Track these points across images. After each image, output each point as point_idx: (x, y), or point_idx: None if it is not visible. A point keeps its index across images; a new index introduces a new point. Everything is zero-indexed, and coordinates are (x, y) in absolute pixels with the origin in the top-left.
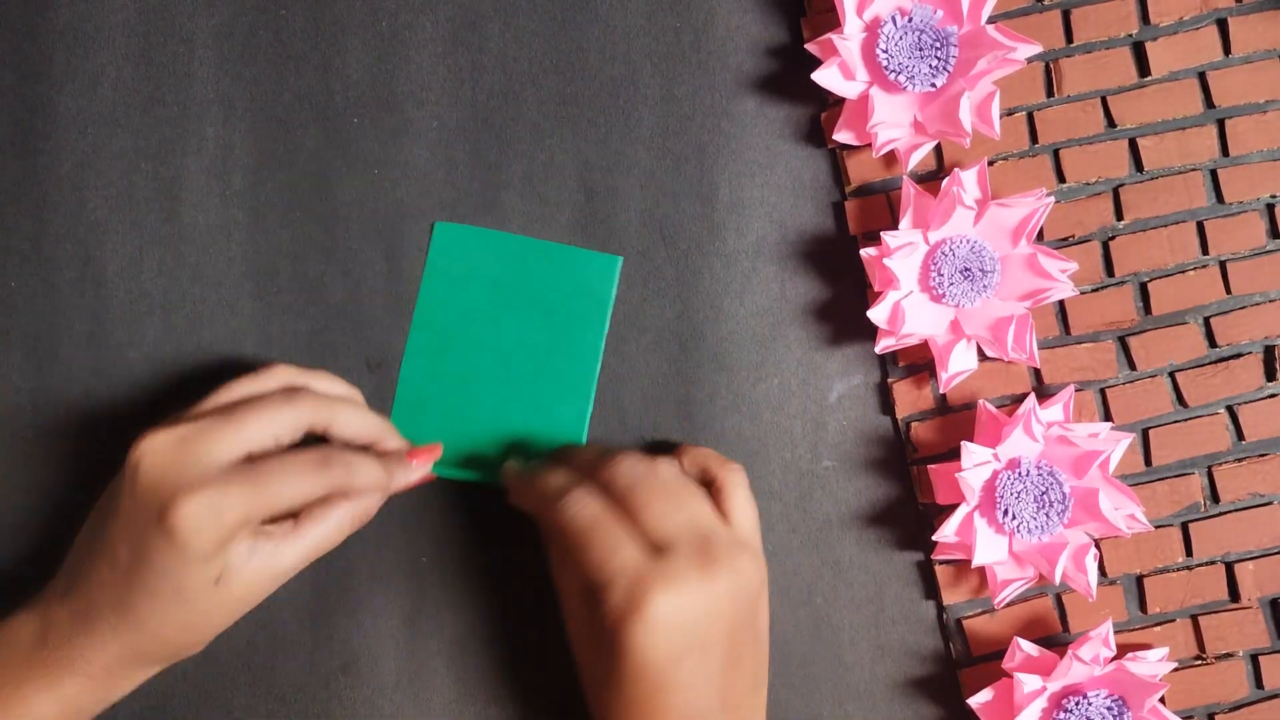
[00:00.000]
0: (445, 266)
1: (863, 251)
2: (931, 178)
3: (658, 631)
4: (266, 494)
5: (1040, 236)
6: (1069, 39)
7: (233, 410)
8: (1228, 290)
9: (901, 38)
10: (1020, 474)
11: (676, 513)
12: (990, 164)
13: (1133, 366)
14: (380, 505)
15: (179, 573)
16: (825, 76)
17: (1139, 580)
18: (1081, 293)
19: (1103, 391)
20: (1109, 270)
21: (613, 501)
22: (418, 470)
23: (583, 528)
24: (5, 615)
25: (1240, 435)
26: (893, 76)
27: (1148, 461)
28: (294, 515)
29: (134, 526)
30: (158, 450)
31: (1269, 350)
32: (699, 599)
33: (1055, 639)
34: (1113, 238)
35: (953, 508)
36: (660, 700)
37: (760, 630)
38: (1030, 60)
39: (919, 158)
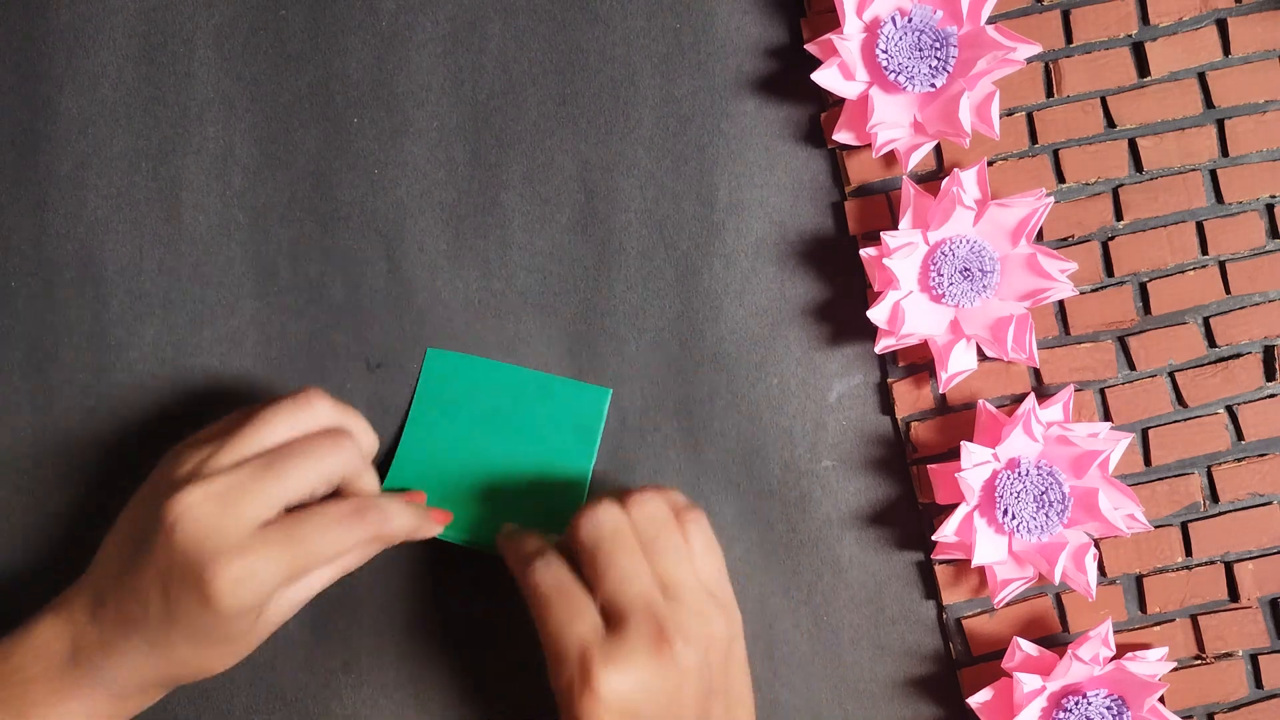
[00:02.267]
0: (436, 392)
1: (863, 251)
2: (931, 178)
3: (610, 709)
4: (305, 552)
5: (1040, 236)
6: (1069, 39)
7: (273, 461)
8: (1227, 290)
9: (901, 38)
10: (1020, 474)
11: (636, 577)
12: (990, 164)
13: (1132, 366)
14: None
15: (218, 627)
16: (825, 77)
17: (1138, 580)
18: (1081, 293)
19: (1102, 391)
20: (1109, 270)
21: (580, 562)
22: (437, 525)
23: (544, 596)
24: (32, 620)
25: (1240, 435)
26: (892, 77)
27: (1147, 461)
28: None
29: (171, 581)
30: (197, 512)
31: (1268, 350)
32: (648, 676)
33: (1055, 639)
34: (1112, 238)
35: (953, 508)
36: None
37: (733, 681)
38: (1030, 60)
39: (919, 158)
